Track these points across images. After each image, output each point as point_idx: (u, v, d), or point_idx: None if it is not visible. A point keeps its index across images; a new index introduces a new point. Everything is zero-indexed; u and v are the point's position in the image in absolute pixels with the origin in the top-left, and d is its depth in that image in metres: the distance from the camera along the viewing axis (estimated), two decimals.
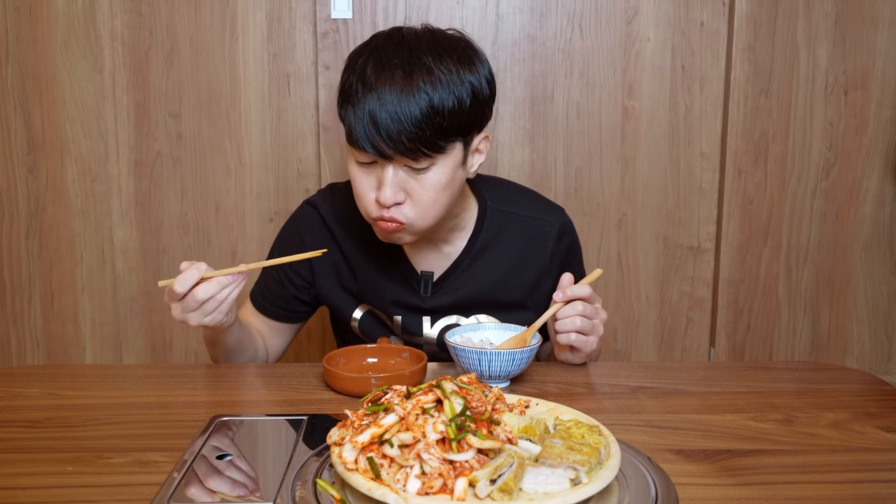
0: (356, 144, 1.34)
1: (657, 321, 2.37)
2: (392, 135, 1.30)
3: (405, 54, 1.34)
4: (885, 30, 2.22)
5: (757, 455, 1.07)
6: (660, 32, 2.22)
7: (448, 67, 1.34)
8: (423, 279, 1.56)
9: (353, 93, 1.34)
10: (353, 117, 1.33)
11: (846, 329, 2.39)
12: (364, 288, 1.60)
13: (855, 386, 1.35)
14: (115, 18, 2.16)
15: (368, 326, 1.63)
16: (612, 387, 1.35)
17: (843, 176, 2.30)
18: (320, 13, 2.16)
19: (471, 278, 1.57)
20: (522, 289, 1.60)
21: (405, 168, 1.35)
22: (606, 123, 2.25)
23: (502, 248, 1.58)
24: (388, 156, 1.33)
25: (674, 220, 2.31)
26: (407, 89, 1.30)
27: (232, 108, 2.21)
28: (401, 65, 1.32)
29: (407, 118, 1.29)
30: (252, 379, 1.40)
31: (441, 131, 1.33)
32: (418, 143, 1.31)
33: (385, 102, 1.30)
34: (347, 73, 1.39)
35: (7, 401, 1.27)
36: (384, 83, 1.31)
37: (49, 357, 2.32)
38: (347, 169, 1.42)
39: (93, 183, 2.23)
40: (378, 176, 1.37)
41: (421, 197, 1.37)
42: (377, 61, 1.34)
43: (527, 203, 1.63)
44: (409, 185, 1.36)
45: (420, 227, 1.41)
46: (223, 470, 1.01)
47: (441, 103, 1.31)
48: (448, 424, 0.87)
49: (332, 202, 1.61)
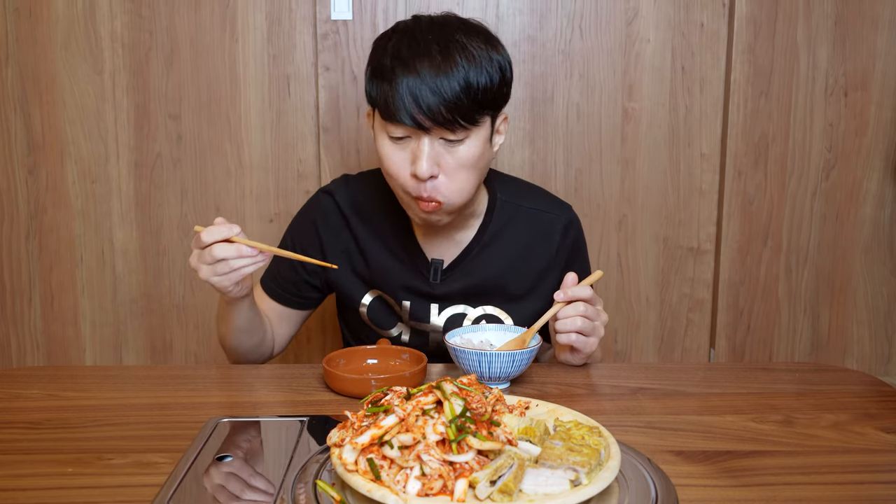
0: (393, 118, 1.37)
1: (657, 322, 2.37)
2: (431, 106, 1.34)
3: (437, 33, 1.40)
4: (885, 31, 2.22)
5: (757, 456, 1.07)
6: (660, 34, 2.22)
7: (479, 45, 1.40)
8: (433, 266, 1.59)
9: (389, 69, 1.38)
10: (389, 92, 1.37)
11: (846, 330, 2.39)
12: (375, 274, 1.62)
13: (855, 387, 1.35)
14: (115, 20, 2.16)
15: (377, 312, 1.64)
16: (612, 388, 1.36)
17: (843, 177, 2.30)
18: (320, 14, 2.16)
19: (479, 266, 1.60)
20: (528, 279, 1.62)
21: (440, 141, 1.39)
22: (606, 125, 2.25)
23: (510, 238, 1.61)
24: (426, 127, 1.36)
25: (674, 221, 2.31)
26: (445, 64, 1.35)
27: (232, 109, 2.21)
28: (436, 41, 1.38)
29: (446, 90, 1.34)
30: (252, 380, 1.40)
31: (476, 104, 1.38)
32: (456, 114, 1.35)
33: (424, 77, 1.35)
34: (377, 55, 1.43)
35: (7, 402, 1.27)
36: (422, 59, 1.36)
37: (49, 358, 2.32)
38: (378, 148, 1.46)
39: (93, 184, 2.23)
40: (413, 150, 1.40)
41: (456, 172, 1.41)
42: (411, 40, 1.40)
43: (536, 197, 1.68)
44: (443, 159, 1.40)
45: (455, 204, 1.45)
46: (223, 471, 1.01)
47: (476, 78, 1.37)
48: (448, 426, 0.87)
49: (348, 190, 1.64)
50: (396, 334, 1.65)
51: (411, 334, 1.64)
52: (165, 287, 2.29)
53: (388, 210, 1.60)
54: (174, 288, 2.29)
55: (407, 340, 1.65)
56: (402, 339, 1.65)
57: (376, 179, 1.63)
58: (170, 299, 2.30)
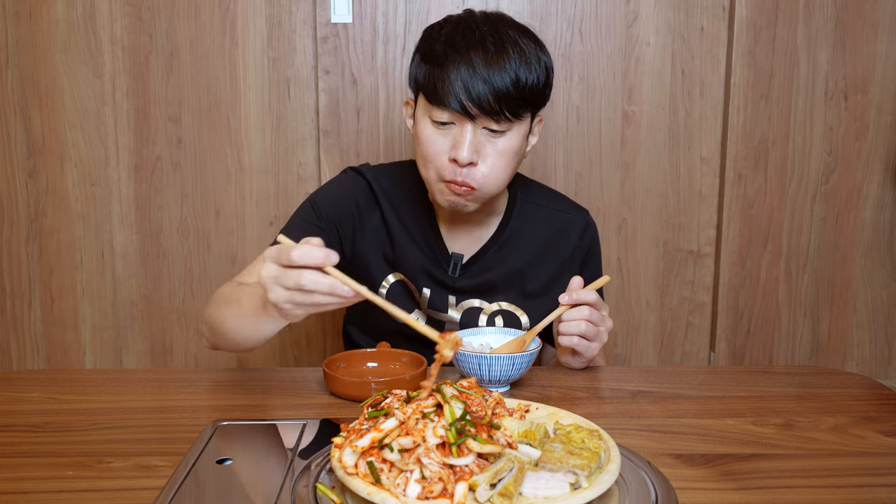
0: (441, 102, 1.40)
1: (657, 325, 2.37)
2: (481, 95, 1.38)
3: (491, 26, 1.44)
4: (885, 35, 2.23)
5: (757, 459, 1.07)
6: (660, 37, 2.22)
7: (529, 44, 1.44)
8: (453, 259, 1.61)
9: (441, 55, 1.42)
10: (440, 76, 1.40)
11: (846, 333, 2.39)
12: (399, 256, 1.62)
13: (855, 390, 1.35)
14: (115, 23, 2.16)
15: (396, 296, 1.64)
16: (612, 391, 1.36)
17: (842, 180, 2.30)
18: (320, 18, 2.16)
19: (498, 262, 1.62)
20: (545, 277, 1.64)
21: (483, 130, 1.42)
22: (606, 128, 2.25)
23: (529, 236, 1.64)
24: (472, 115, 1.39)
25: (674, 224, 2.31)
26: (498, 56, 1.39)
27: (232, 112, 2.21)
28: (490, 33, 1.42)
29: (497, 81, 1.38)
30: (252, 383, 1.40)
31: (522, 99, 1.41)
32: (503, 105, 1.39)
33: (476, 66, 1.38)
34: (428, 41, 1.47)
35: (7, 405, 1.27)
36: (476, 48, 1.40)
37: (49, 361, 2.32)
38: (416, 133, 1.49)
39: (93, 187, 2.23)
40: (454, 136, 1.43)
41: (495, 160, 1.44)
42: (466, 30, 1.44)
43: (555, 199, 1.72)
44: (484, 148, 1.43)
45: (487, 192, 1.47)
46: (223, 474, 1.01)
47: (525, 75, 1.41)
48: (448, 429, 0.87)
49: (376, 173, 1.65)
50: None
51: (427, 322, 1.64)
52: (165, 290, 2.29)
53: (412, 200, 1.63)
54: (174, 291, 2.29)
55: None
56: None
57: (399, 171, 1.66)
58: (170, 302, 2.29)
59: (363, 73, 2.19)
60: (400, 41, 2.18)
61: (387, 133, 2.22)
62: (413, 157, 1.61)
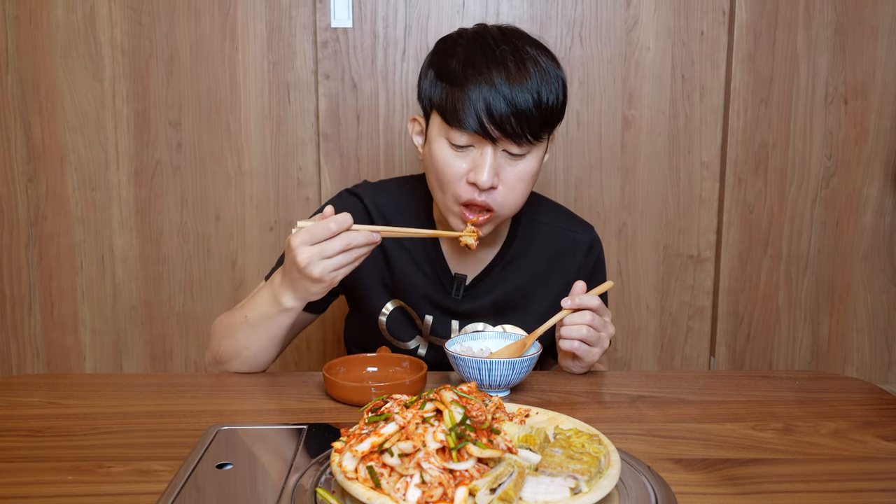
0: (461, 125, 1.36)
1: (657, 330, 2.37)
2: (503, 117, 1.34)
3: (509, 43, 1.40)
4: (885, 39, 2.23)
5: (757, 464, 1.07)
6: (660, 42, 2.22)
7: (547, 61, 1.41)
8: (456, 281, 1.58)
9: (460, 74, 1.37)
10: (459, 97, 1.36)
11: (846, 338, 2.39)
12: (399, 283, 1.59)
13: (855, 395, 1.35)
14: (115, 27, 2.16)
15: (396, 324, 1.62)
16: (612, 396, 1.35)
17: (843, 185, 2.30)
18: (320, 22, 2.16)
19: (501, 283, 1.60)
20: (550, 297, 1.60)
21: (503, 153, 1.39)
22: (606, 132, 2.25)
23: (533, 256, 1.61)
24: (494, 137, 1.36)
25: (674, 229, 2.31)
26: (519, 75, 1.35)
27: (232, 116, 2.21)
28: (511, 52, 1.38)
29: (520, 102, 1.34)
30: (252, 388, 1.40)
31: (543, 119, 1.38)
32: (525, 127, 1.36)
33: (498, 86, 1.34)
34: (443, 58, 1.42)
35: (7, 410, 1.27)
36: (498, 67, 1.36)
37: (49, 366, 2.32)
38: (430, 154, 1.44)
39: (93, 192, 2.23)
40: (474, 159, 1.39)
41: (514, 184, 1.42)
42: (484, 47, 1.39)
43: (559, 216, 1.68)
44: (504, 171, 1.40)
45: (505, 215, 1.46)
46: (223, 479, 1.01)
47: (547, 94, 1.37)
48: (448, 433, 0.87)
49: (374, 195, 1.61)
50: (414, 347, 1.63)
51: (429, 349, 1.63)
52: (165, 294, 2.29)
53: (413, 221, 1.59)
54: (174, 295, 2.29)
55: (423, 354, 1.63)
56: (419, 353, 1.63)
57: (399, 189, 1.62)
58: (170, 307, 2.29)
59: (363, 77, 2.19)
60: (400, 46, 2.18)
61: (387, 137, 2.22)
62: (414, 173, 1.59)
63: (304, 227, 1.28)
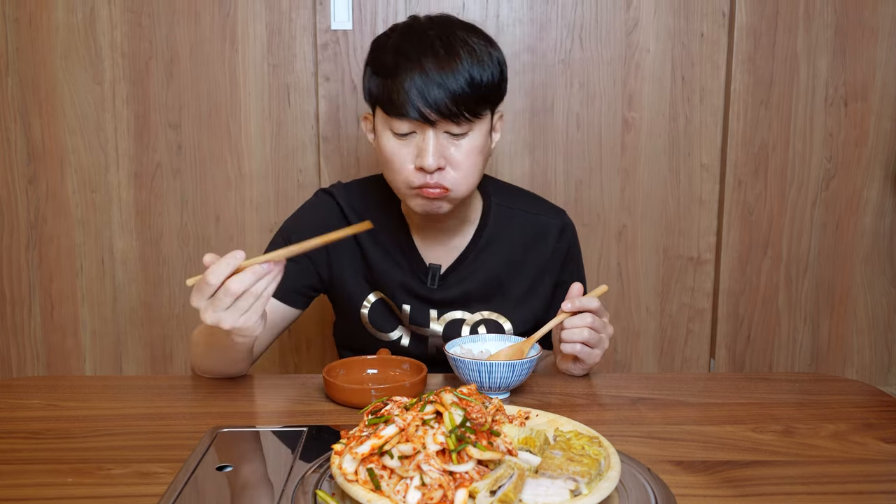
0: (399, 113, 1.40)
1: (657, 332, 2.37)
2: (438, 100, 1.37)
3: (438, 30, 1.43)
4: (885, 41, 2.23)
5: (757, 466, 1.07)
6: (660, 43, 2.22)
7: (479, 42, 1.44)
8: (431, 271, 1.60)
9: (393, 65, 1.41)
10: (394, 88, 1.40)
11: (846, 340, 2.39)
12: (376, 275, 1.62)
13: (855, 397, 1.35)
14: (115, 29, 2.16)
15: (378, 315, 1.64)
16: (612, 398, 1.35)
17: (843, 187, 2.30)
18: (320, 24, 2.16)
19: (476, 270, 1.61)
20: (525, 282, 1.63)
21: (444, 134, 1.42)
22: (606, 134, 2.25)
23: (506, 241, 1.63)
24: (432, 121, 1.39)
25: (674, 230, 2.31)
26: (449, 59, 1.39)
27: (232, 118, 2.21)
28: (438, 37, 1.41)
29: (452, 84, 1.37)
30: (252, 390, 1.40)
31: (480, 98, 1.41)
32: (461, 107, 1.39)
33: (429, 71, 1.38)
34: (377, 54, 1.47)
35: (7, 412, 1.27)
36: (426, 54, 1.39)
37: (49, 368, 2.32)
38: (379, 147, 1.48)
39: (93, 194, 2.23)
40: (417, 145, 1.42)
41: (461, 162, 1.43)
42: (414, 37, 1.43)
43: (530, 201, 1.69)
44: (448, 151, 1.42)
45: (460, 193, 1.46)
46: (223, 481, 1.01)
47: (479, 73, 1.40)
48: (448, 436, 0.87)
49: (347, 193, 1.64)
50: (396, 337, 1.65)
51: (411, 338, 1.64)
52: (165, 296, 2.29)
53: (385, 215, 1.61)
54: (174, 297, 2.29)
55: (407, 344, 1.64)
56: (402, 343, 1.64)
57: (371, 186, 1.65)
58: (170, 309, 2.29)
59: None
60: None
61: None
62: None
63: (193, 286, 1.21)
